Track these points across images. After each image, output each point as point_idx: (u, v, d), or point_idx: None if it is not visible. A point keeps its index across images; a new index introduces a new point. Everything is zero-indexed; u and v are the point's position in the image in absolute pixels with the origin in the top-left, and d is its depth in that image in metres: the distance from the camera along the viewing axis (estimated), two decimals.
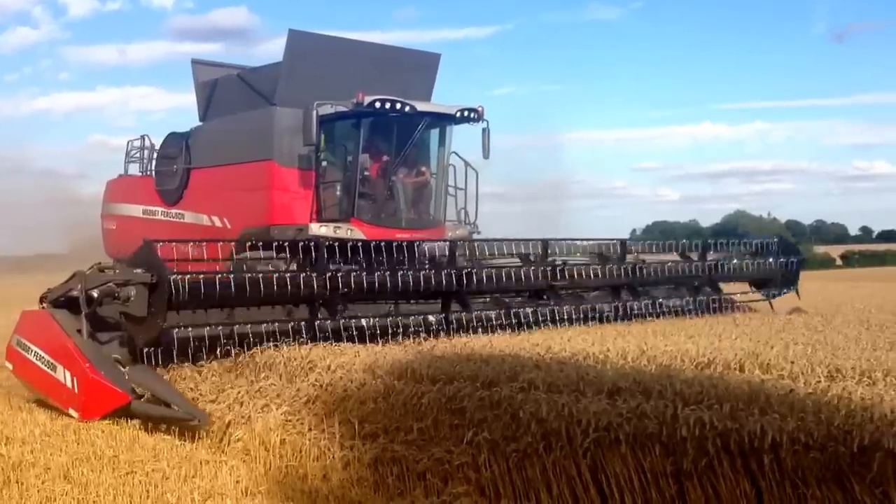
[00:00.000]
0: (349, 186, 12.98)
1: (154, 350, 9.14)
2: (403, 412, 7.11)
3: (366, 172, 13.18)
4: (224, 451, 7.53)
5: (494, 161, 14.22)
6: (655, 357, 7.63)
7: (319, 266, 10.00)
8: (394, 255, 10.83)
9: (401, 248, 11.14)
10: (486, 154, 13.93)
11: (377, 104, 12.43)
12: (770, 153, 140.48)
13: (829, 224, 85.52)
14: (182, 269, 9.23)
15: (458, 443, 6.50)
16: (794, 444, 5.09)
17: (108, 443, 7.73)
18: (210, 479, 6.56)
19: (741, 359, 7.30)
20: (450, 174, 13.91)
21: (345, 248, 10.70)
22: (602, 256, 12.95)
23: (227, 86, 14.79)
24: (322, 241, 10.55)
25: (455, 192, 13.95)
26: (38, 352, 9.44)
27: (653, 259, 13.41)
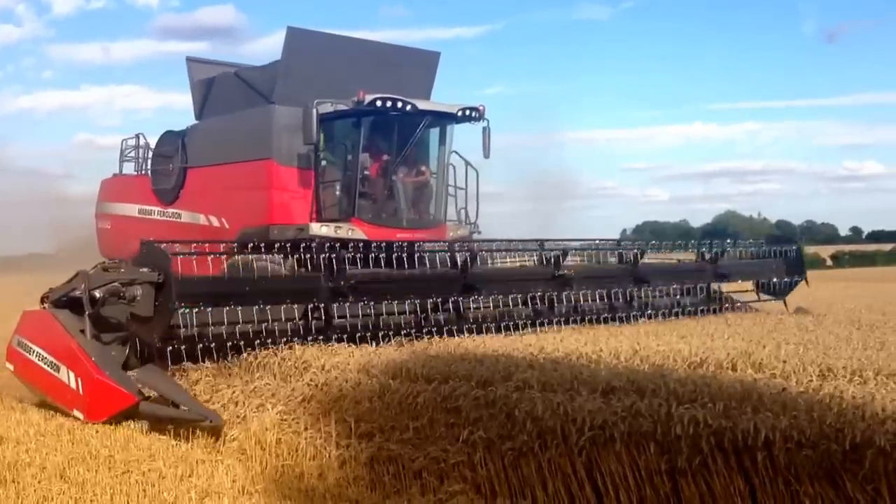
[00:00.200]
0: (349, 186, 12.83)
1: (160, 350, 9.02)
2: (399, 411, 7.15)
3: (366, 172, 13.03)
4: (220, 451, 7.55)
5: (488, 161, 14.19)
6: (648, 357, 7.69)
7: (325, 266, 9.90)
8: (396, 255, 10.83)
9: (406, 248, 11.12)
10: (487, 153, 13.81)
11: (378, 103, 12.27)
12: (760, 153, 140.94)
13: (820, 224, 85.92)
14: (185, 269, 9.20)
15: (454, 441, 6.55)
16: (787, 442, 5.14)
17: (104, 442, 7.73)
18: (206, 479, 6.56)
19: (733, 358, 7.36)
20: (450, 174, 13.80)
21: (347, 248, 10.57)
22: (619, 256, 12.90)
23: (224, 84, 14.62)
24: (330, 243, 10.49)
25: (455, 192, 13.85)
26: (41, 352, 9.34)
27: (659, 259, 13.50)
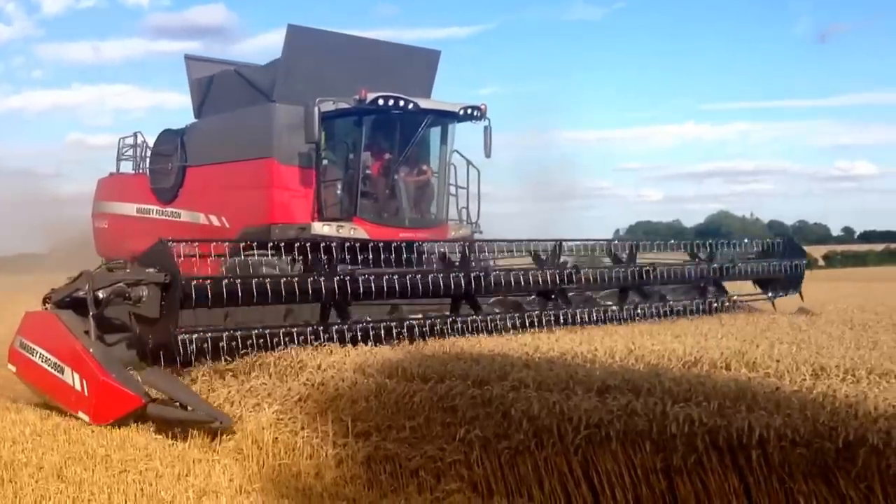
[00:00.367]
0: (351, 185, 12.79)
1: (166, 352, 8.89)
2: (395, 410, 7.16)
3: (367, 171, 12.98)
4: (216, 451, 7.54)
5: (484, 161, 14.18)
6: (643, 356, 7.74)
7: (332, 267, 9.84)
8: (402, 255, 10.74)
9: (410, 249, 11.05)
10: (488, 153, 13.81)
11: (380, 101, 12.24)
12: (753, 153, 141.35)
13: (812, 224, 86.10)
14: (189, 269, 9.14)
15: (451, 440, 6.56)
16: (781, 440, 5.17)
17: (100, 442, 7.76)
18: (204, 478, 6.58)
19: (727, 357, 7.42)
20: (451, 173, 13.78)
21: (352, 248, 10.50)
22: (615, 257, 12.89)
23: (224, 82, 14.55)
24: (336, 244, 10.36)
25: (456, 191, 13.83)
26: (44, 354, 9.22)
27: (655, 258, 13.40)
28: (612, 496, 5.71)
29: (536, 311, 11.21)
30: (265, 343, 9.18)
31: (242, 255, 10.50)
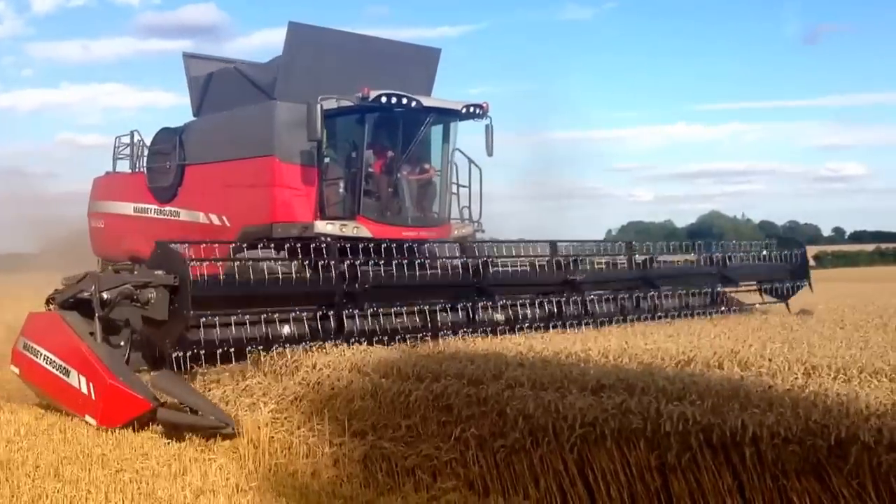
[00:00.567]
0: (354, 183, 12.58)
1: (173, 354, 8.77)
2: (391, 410, 7.21)
3: (370, 169, 12.78)
4: (212, 450, 7.56)
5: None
6: (637, 355, 7.77)
7: (340, 266, 9.75)
8: (409, 256, 10.67)
9: (414, 249, 10.99)
10: (490, 151, 13.64)
11: (383, 99, 12.07)
12: (743, 154, 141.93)
13: (803, 225, 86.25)
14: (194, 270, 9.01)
15: (447, 439, 6.61)
16: (774, 438, 5.22)
17: (96, 441, 7.76)
18: (200, 477, 6.60)
19: (720, 357, 7.45)
20: (453, 171, 13.64)
21: (356, 248, 10.39)
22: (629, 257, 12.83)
23: (223, 80, 14.32)
24: (341, 244, 10.31)
25: (458, 190, 13.71)
26: (49, 356, 9.07)
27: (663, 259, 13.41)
28: (608, 494, 5.76)
29: (542, 314, 11.16)
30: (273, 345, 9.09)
31: (246, 254, 10.33)
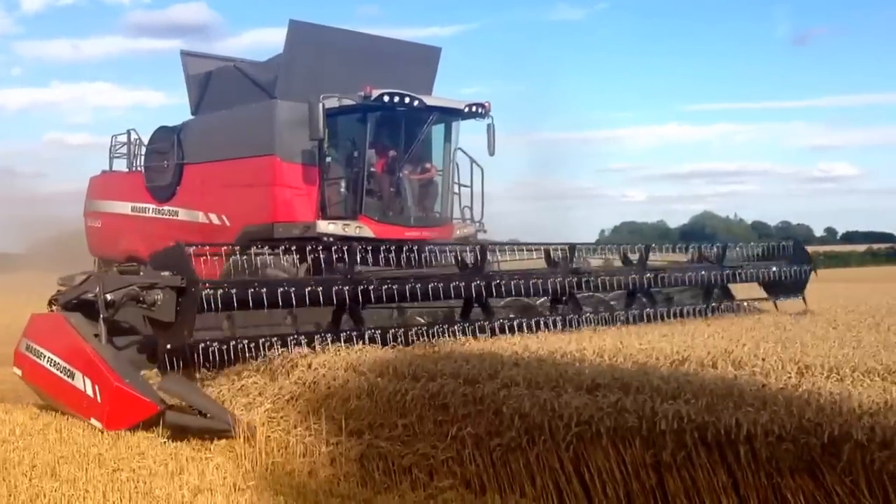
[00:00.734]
0: (356, 183, 12.56)
1: (180, 356, 8.67)
2: (387, 409, 7.23)
3: (372, 168, 12.76)
4: (209, 449, 7.57)
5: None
6: (631, 355, 7.77)
7: (350, 268, 9.62)
8: (414, 257, 10.45)
9: (420, 249, 10.84)
10: (492, 151, 13.65)
11: (385, 98, 12.08)
12: (735, 154, 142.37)
13: (795, 225, 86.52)
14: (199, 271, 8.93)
15: (443, 438, 6.64)
16: (768, 436, 5.26)
17: (92, 441, 7.76)
18: (197, 476, 6.61)
19: (714, 356, 7.45)
20: (455, 171, 13.65)
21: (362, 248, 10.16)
22: (625, 259, 12.46)
23: (223, 78, 14.29)
24: (348, 244, 10.14)
25: (459, 190, 13.70)
26: (53, 358, 8.94)
27: (663, 260, 13.27)
28: (604, 492, 5.80)
29: (547, 315, 10.93)
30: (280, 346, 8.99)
31: (252, 253, 10.27)
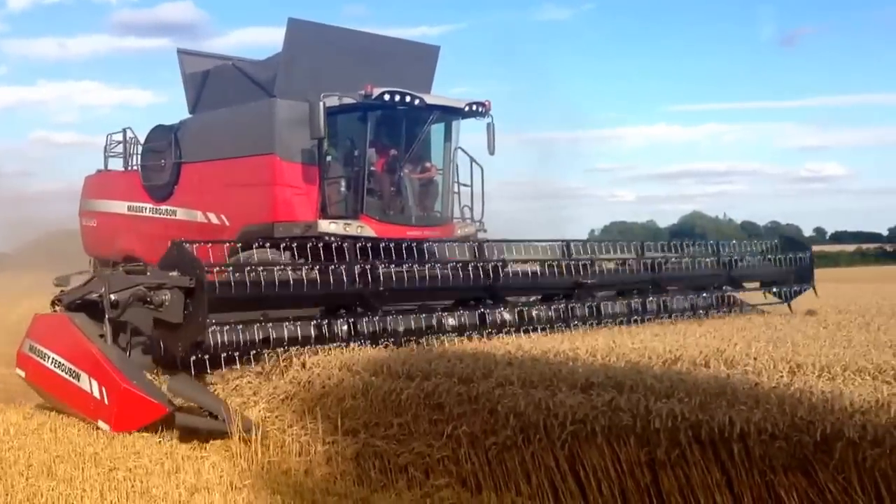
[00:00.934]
0: (357, 182, 12.45)
1: (187, 357, 8.52)
2: (382, 408, 7.26)
3: (372, 167, 12.66)
4: (204, 448, 7.61)
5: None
6: (624, 354, 7.83)
7: (361, 269, 9.55)
8: (423, 256, 10.45)
9: (422, 249, 10.80)
10: (492, 150, 13.56)
11: (386, 96, 11.98)
12: (724, 154, 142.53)
13: (784, 225, 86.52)
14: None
15: (438, 437, 6.68)
16: (761, 434, 5.31)
17: (87, 440, 7.79)
18: (194, 475, 6.64)
19: (706, 355, 7.51)
20: (455, 170, 13.54)
21: (366, 248, 10.14)
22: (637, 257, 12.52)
23: (221, 77, 14.15)
24: (365, 243, 10.11)
25: (458, 189, 13.64)
26: (58, 359, 8.86)
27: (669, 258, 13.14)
28: (599, 489, 5.85)
29: (552, 312, 10.94)
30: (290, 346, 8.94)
31: (256, 254, 10.12)
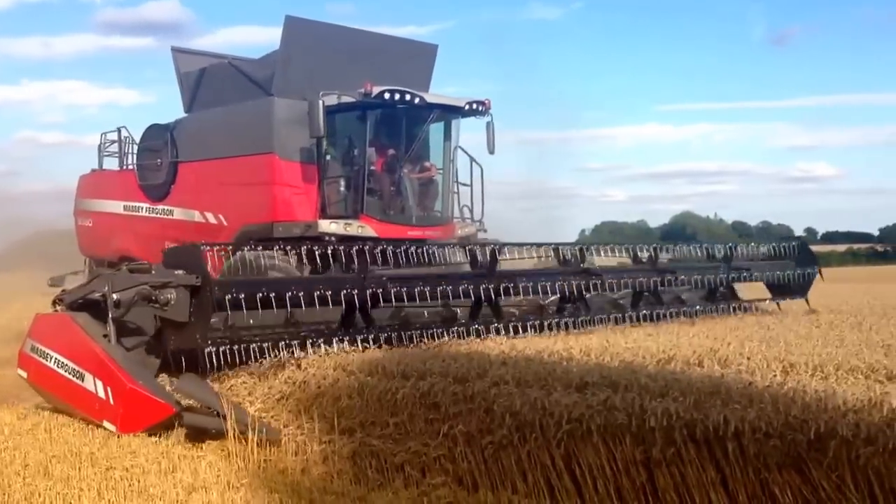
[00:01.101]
0: (357, 181, 12.42)
1: (192, 357, 8.48)
2: (378, 407, 7.27)
3: (372, 167, 12.63)
4: (200, 447, 7.61)
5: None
6: (618, 353, 7.87)
7: (365, 270, 9.43)
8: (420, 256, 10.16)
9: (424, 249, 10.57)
10: (492, 149, 13.56)
11: (386, 95, 11.96)
12: (715, 154, 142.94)
13: (775, 225, 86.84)
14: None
15: (435, 436, 6.70)
16: (755, 433, 5.35)
17: (83, 440, 7.78)
18: (190, 474, 6.63)
19: (700, 355, 7.55)
20: (454, 170, 13.54)
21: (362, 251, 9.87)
22: (635, 259, 12.27)
23: (217, 75, 14.10)
24: (370, 244, 9.97)
25: (458, 189, 13.63)
26: (61, 359, 8.73)
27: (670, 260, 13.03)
28: (594, 488, 5.88)
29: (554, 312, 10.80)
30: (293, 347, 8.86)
31: (240, 254, 10.10)
